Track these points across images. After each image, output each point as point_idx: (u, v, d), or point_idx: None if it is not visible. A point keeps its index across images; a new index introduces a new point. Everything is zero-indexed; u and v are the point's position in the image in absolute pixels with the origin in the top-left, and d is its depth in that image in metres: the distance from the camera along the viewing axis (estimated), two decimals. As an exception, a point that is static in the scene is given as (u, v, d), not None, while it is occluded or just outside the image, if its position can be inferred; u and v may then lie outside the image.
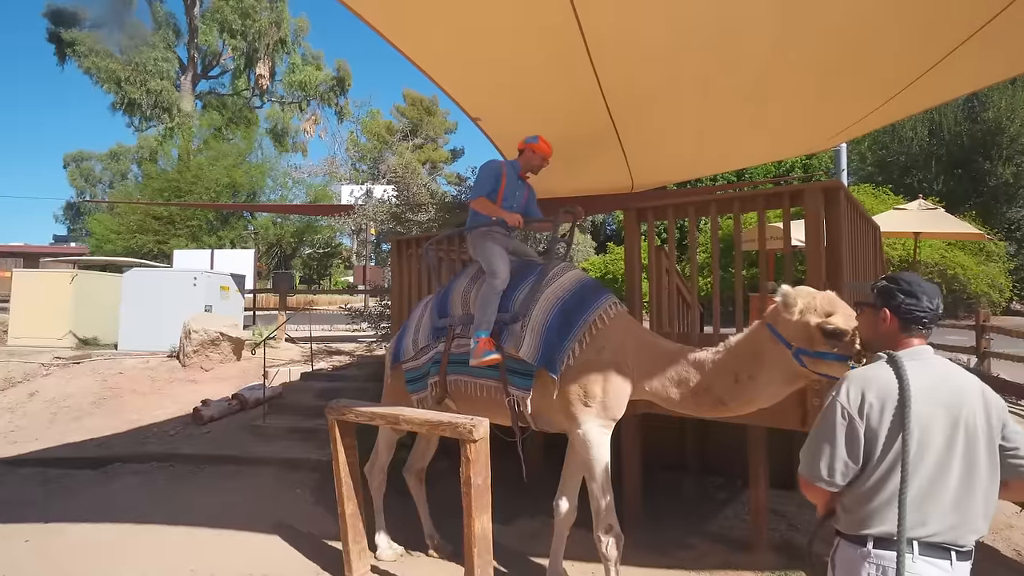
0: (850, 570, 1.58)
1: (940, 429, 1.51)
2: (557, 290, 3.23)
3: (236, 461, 5.77)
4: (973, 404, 1.54)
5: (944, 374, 1.59)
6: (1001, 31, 3.33)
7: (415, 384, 3.66)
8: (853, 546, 1.59)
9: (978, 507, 1.52)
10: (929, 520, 1.50)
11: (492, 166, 3.67)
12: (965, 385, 1.57)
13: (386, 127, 35.42)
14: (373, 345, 10.58)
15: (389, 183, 27.49)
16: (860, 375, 1.63)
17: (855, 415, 1.55)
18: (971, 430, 1.52)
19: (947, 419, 1.52)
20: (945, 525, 1.50)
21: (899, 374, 1.53)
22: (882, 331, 1.69)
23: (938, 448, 1.51)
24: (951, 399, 1.54)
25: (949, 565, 1.49)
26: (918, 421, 1.50)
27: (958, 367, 1.65)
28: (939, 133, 20.66)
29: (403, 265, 5.47)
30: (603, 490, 2.99)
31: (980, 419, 1.54)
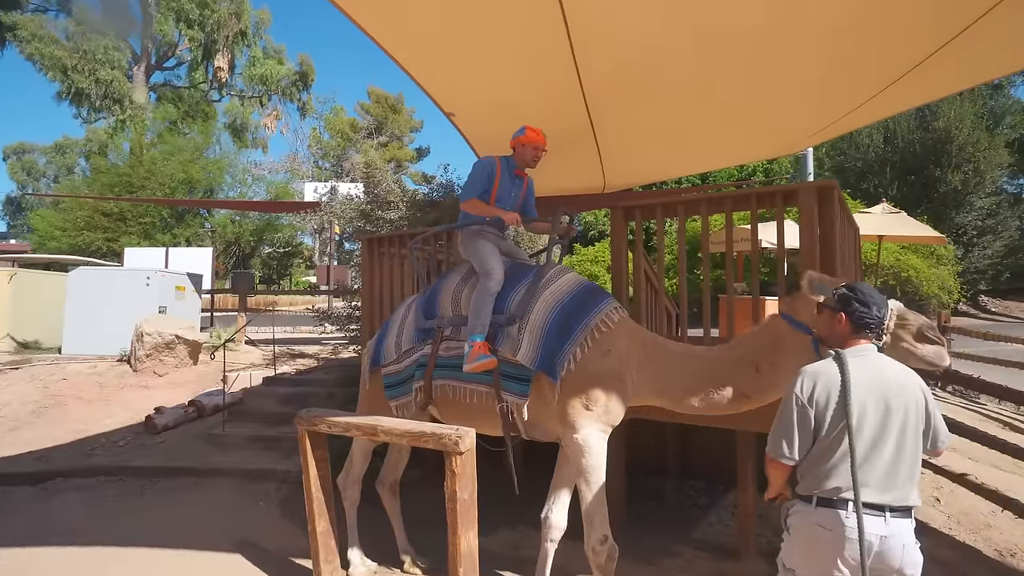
0: (800, 523, 1.96)
1: (873, 413, 1.85)
2: (556, 292, 3.08)
3: (193, 473, 5.41)
4: (904, 393, 1.88)
5: (881, 368, 1.92)
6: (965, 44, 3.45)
7: (396, 389, 3.44)
8: (803, 504, 1.95)
9: (905, 476, 1.85)
10: (865, 485, 1.82)
11: (484, 164, 3.46)
12: (898, 377, 1.91)
13: (350, 124, 34.71)
14: (339, 348, 10.25)
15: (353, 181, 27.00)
16: (812, 370, 1.96)
17: (806, 403, 1.91)
18: (901, 414, 1.86)
19: (880, 405, 1.85)
20: (878, 489, 1.82)
21: (842, 369, 1.87)
22: (837, 331, 2.03)
23: (872, 428, 1.84)
24: (884, 389, 1.87)
25: (883, 521, 1.81)
26: (856, 406, 1.84)
27: (895, 362, 1.96)
28: (893, 141, 21.37)
29: (374, 264, 5.23)
30: (598, 499, 2.86)
31: (910, 405, 1.87)
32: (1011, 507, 3.58)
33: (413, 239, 4.16)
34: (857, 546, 1.78)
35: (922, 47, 3.74)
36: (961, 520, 4.13)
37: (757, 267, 3.42)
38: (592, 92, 4.86)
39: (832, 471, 1.87)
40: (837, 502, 1.84)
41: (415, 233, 4.88)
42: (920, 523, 4.12)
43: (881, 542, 1.80)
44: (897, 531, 1.81)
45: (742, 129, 7.03)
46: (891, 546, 1.80)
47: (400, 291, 4.94)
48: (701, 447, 4.91)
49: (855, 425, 1.83)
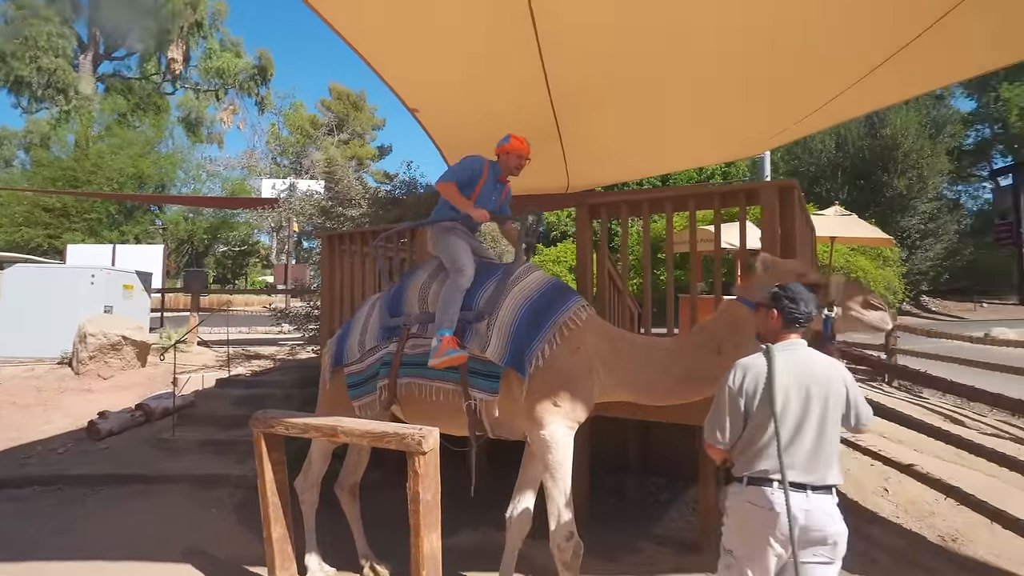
0: (734, 502, 2.13)
1: (796, 401, 2.03)
2: (524, 289, 3.08)
3: (141, 480, 5.16)
4: (826, 383, 2.05)
5: (806, 360, 2.09)
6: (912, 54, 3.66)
7: (359, 389, 3.35)
8: (736, 485, 2.13)
9: (826, 458, 2.04)
10: (789, 465, 2.00)
11: (474, 161, 3.45)
12: (822, 369, 2.08)
13: (310, 121, 33.97)
14: (297, 348, 9.99)
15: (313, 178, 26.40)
16: (743, 363, 2.15)
17: (737, 393, 2.10)
18: (822, 402, 2.04)
19: (802, 394, 2.03)
20: (801, 470, 2.01)
21: (769, 362, 2.06)
22: (770, 327, 2.20)
23: (795, 415, 2.02)
24: (808, 380, 2.04)
25: (806, 497, 1.99)
26: (781, 395, 2.02)
27: (821, 355, 2.13)
28: (844, 146, 22.23)
29: (335, 262, 5.09)
30: (565, 495, 2.85)
31: (831, 394, 2.05)
32: (953, 494, 3.73)
33: (377, 236, 4.07)
34: (784, 520, 1.97)
35: (872, 56, 3.94)
36: (908, 509, 4.28)
37: (719, 266, 3.47)
38: (558, 92, 4.88)
39: (761, 454, 2.06)
40: (765, 481, 2.03)
41: (377, 230, 4.78)
42: (870, 512, 4.30)
43: (806, 516, 1.99)
44: (818, 505, 2.00)
45: (703, 131, 7.19)
46: (815, 518, 1.99)
47: (362, 289, 4.83)
48: (662, 444, 4.96)
49: (779, 412, 2.02)
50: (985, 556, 3.65)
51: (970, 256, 24.42)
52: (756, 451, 2.07)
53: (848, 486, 4.72)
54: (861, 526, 4.10)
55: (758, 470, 2.05)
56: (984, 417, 6.83)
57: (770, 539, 2.00)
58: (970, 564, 3.61)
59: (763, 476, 2.04)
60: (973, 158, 27.23)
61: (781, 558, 2.02)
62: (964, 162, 26.41)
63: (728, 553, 2.15)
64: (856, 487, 4.64)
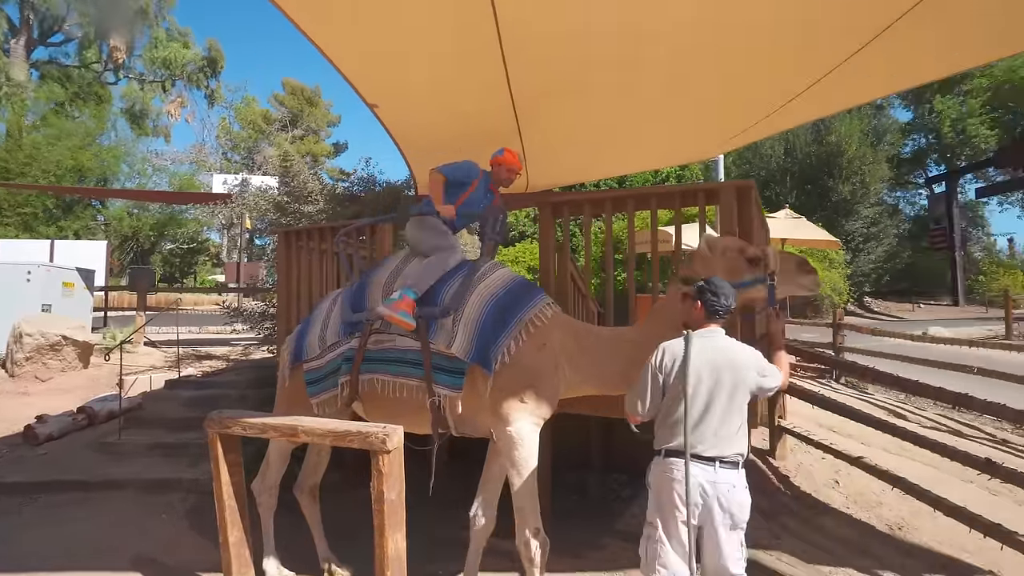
0: (655, 474, 2.37)
1: (707, 382, 2.26)
2: (490, 286, 3.08)
3: (83, 487, 4.88)
4: (735, 367, 2.29)
5: (722, 347, 2.34)
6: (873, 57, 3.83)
7: (319, 385, 3.27)
8: (656, 458, 2.37)
9: (733, 434, 2.28)
10: (700, 440, 2.25)
11: (471, 167, 3.56)
12: (734, 353, 2.33)
13: (263, 116, 33.03)
14: (250, 348, 9.68)
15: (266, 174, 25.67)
16: (665, 345, 2.39)
17: (658, 371, 2.35)
18: (730, 385, 2.27)
19: (713, 376, 2.27)
20: (710, 444, 2.25)
21: (686, 347, 2.30)
22: (694, 316, 2.44)
23: (705, 395, 2.26)
24: (720, 362, 2.28)
25: (713, 471, 2.24)
26: (693, 376, 2.26)
27: (735, 342, 2.40)
28: (793, 152, 23.14)
29: (292, 258, 4.95)
30: (530, 491, 2.87)
31: (739, 378, 2.29)
32: (899, 485, 3.90)
33: (336, 232, 3.98)
34: (688, 488, 2.22)
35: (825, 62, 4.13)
36: (857, 499, 4.47)
37: (679, 265, 3.54)
38: (520, 91, 4.88)
39: (674, 429, 2.30)
40: (677, 454, 2.26)
41: (336, 226, 4.67)
42: (823, 504, 4.47)
43: (713, 487, 2.23)
44: (725, 478, 2.24)
45: (662, 133, 7.34)
46: (721, 491, 2.23)
47: (321, 286, 4.71)
48: (624, 440, 5.00)
49: (691, 392, 2.25)
50: (929, 543, 3.84)
51: (908, 259, 25.78)
52: (670, 426, 2.31)
53: (800, 479, 4.90)
54: (813, 517, 4.27)
55: (674, 444, 2.28)
56: (924, 411, 7.21)
57: (677, 502, 2.24)
58: (915, 551, 3.79)
59: (676, 449, 2.28)
60: (910, 166, 28.75)
61: (689, 526, 2.25)
62: (902, 170, 27.85)
63: (649, 524, 2.38)
64: (808, 479, 4.82)
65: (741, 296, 2.62)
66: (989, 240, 32.90)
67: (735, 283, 2.59)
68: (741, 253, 2.69)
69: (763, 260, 2.63)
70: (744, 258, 2.69)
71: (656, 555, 2.32)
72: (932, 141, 27.56)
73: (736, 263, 2.70)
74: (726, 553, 2.27)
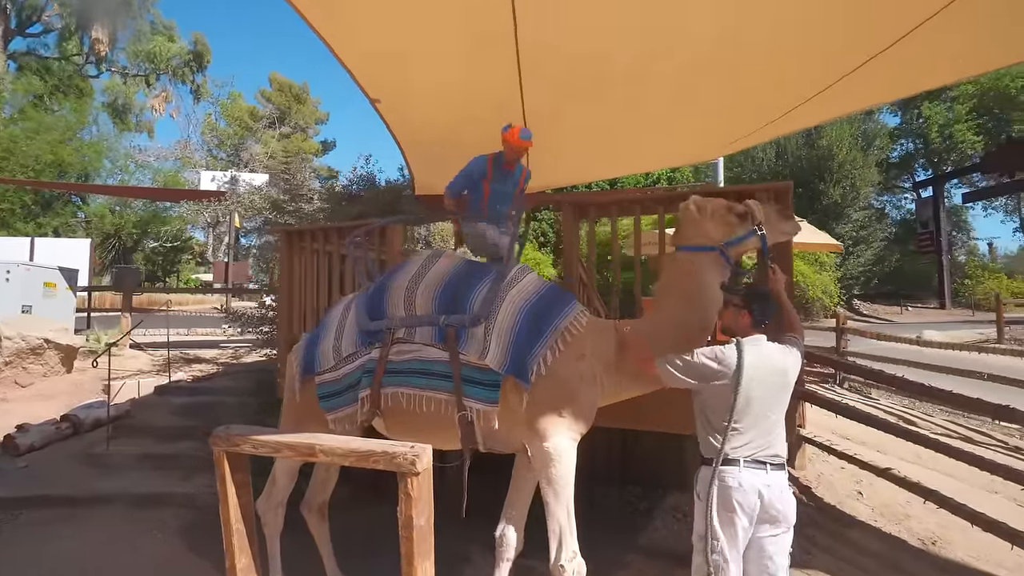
0: (707, 484, 2.36)
1: (759, 387, 2.33)
2: (521, 292, 2.88)
3: (69, 502, 4.59)
4: (783, 369, 2.41)
5: (768, 353, 2.42)
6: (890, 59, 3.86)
7: (335, 400, 3.04)
8: (706, 467, 2.40)
9: (778, 437, 2.38)
10: (751, 444, 2.32)
11: (474, 165, 3.50)
12: (780, 357, 2.43)
13: (249, 112, 32.50)
14: (241, 351, 9.37)
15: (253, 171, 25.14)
16: (719, 352, 2.42)
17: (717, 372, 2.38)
18: (779, 386, 2.39)
19: (764, 381, 2.35)
20: (762, 447, 2.33)
21: (739, 355, 2.35)
22: (740, 324, 2.50)
23: (758, 400, 2.33)
24: (768, 368, 2.38)
25: (765, 473, 2.31)
26: (747, 383, 2.31)
27: (777, 346, 2.46)
28: (784, 156, 23.25)
29: (294, 259, 4.70)
30: (568, 511, 2.68)
31: (787, 378, 2.42)
32: (932, 498, 3.77)
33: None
34: (746, 494, 2.28)
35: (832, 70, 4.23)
36: (884, 512, 4.34)
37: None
38: (530, 86, 4.73)
39: (727, 436, 2.33)
40: (732, 460, 2.32)
41: (342, 227, 4.45)
42: (848, 516, 4.32)
43: (768, 490, 2.29)
44: (776, 481, 2.32)
45: (667, 135, 7.23)
46: (774, 493, 2.29)
47: (328, 289, 4.48)
48: (637, 452, 4.85)
49: (744, 400, 2.31)
50: (964, 558, 3.72)
51: (896, 262, 26.01)
52: (722, 434, 2.34)
53: (823, 490, 4.76)
54: (841, 531, 4.12)
55: (725, 452, 2.32)
56: (932, 417, 7.14)
57: (737, 510, 2.28)
58: (951, 567, 3.66)
59: (730, 457, 2.32)
60: (898, 170, 29.06)
61: (747, 532, 2.30)
62: (890, 174, 28.13)
63: (701, 538, 2.37)
64: (830, 490, 4.68)
65: (736, 251, 2.74)
66: (972, 244, 33.42)
67: (730, 240, 2.71)
68: (730, 211, 2.74)
69: (750, 214, 2.71)
70: (734, 214, 2.73)
71: (719, 567, 2.31)
72: (919, 146, 27.89)
73: (727, 220, 2.73)
74: (776, 560, 2.32)
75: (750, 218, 2.71)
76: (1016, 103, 23.65)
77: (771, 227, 2.75)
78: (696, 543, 2.42)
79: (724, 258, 2.71)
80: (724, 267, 2.71)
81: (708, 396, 2.46)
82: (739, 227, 2.72)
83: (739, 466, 2.31)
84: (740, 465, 2.31)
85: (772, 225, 2.77)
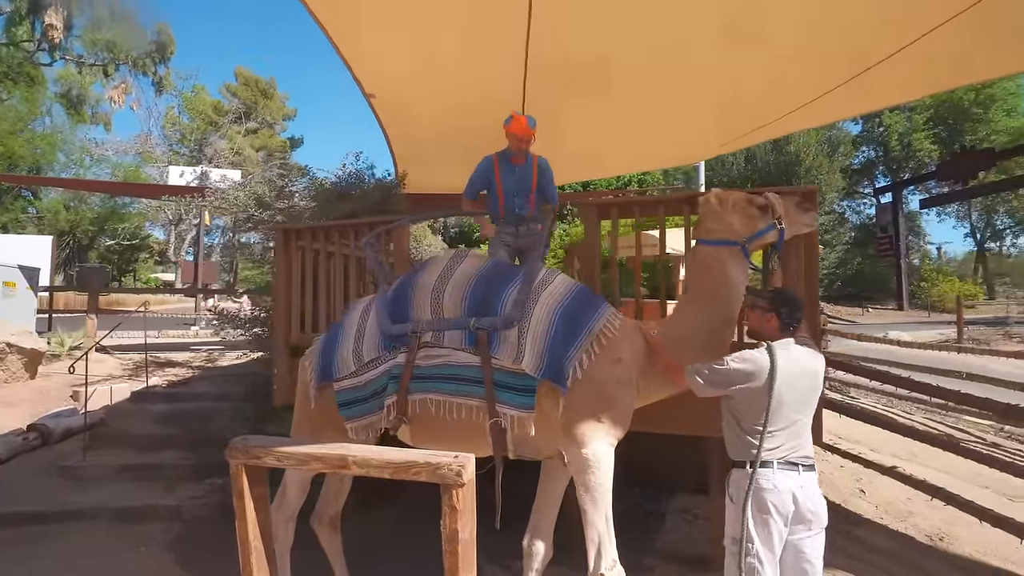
0: (740, 486, 2.35)
1: (790, 391, 2.32)
2: (553, 294, 2.78)
3: (40, 518, 4.29)
4: (812, 372, 2.41)
5: (797, 357, 2.39)
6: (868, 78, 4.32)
7: (356, 407, 2.88)
8: (739, 470, 2.39)
9: (807, 438, 2.40)
10: (784, 447, 2.32)
11: (480, 166, 3.47)
12: (809, 362, 2.42)
13: (214, 106, 31.46)
14: (215, 354, 8.99)
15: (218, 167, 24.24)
16: (750, 355, 2.39)
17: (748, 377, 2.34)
18: (809, 388, 2.39)
19: (795, 384, 2.33)
20: (793, 449, 2.34)
21: (772, 360, 2.32)
22: (767, 327, 2.48)
23: (789, 403, 2.32)
24: (799, 372, 2.36)
25: (797, 474, 2.31)
26: (780, 387, 2.30)
27: (805, 349, 2.43)
28: (753, 160, 23.85)
29: (292, 259, 4.47)
30: (607, 519, 2.59)
31: (815, 381, 2.43)
32: (939, 495, 3.82)
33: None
34: (781, 496, 2.27)
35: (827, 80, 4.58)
36: (888, 509, 4.40)
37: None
38: (534, 84, 4.70)
39: (761, 439, 2.31)
40: (766, 462, 2.31)
41: (348, 225, 4.27)
42: (855, 515, 4.37)
43: (801, 491, 2.30)
44: (808, 482, 2.33)
45: (656, 138, 7.31)
46: (808, 494, 2.31)
47: (328, 291, 4.29)
48: (646, 455, 4.80)
49: (777, 403, 2.30)
50: (972, 553, 3.78)
51: (858, 265, 26.92)
52: (756, 436, 2.33)
53: (825, 488, 4.74)
54: (850, 529, 4.16)
55: (761, 454, 2.31)
56: (912, 415, 7.33)
57: (772, 512, 2.27)
58: (961, 562, 3.72)
59: (765, 460, 2.31)
60: (859, 176, 30.13)
61: (782, 535, 2.29)
62: (852, 180, 29.14)
63: (736, 541, 2.33)
64: (833, 489, 4.72)
65: (756, 245, 2.72)
66: (926, 248, 34.87)
67: (751, 234, 2.68)
68: (751, 203, 2.70)
69: (771, 206, 2.68)
70: (755, 207, 2.69)
71: (755, 570, 2.29)
72: (880, 153, 28.96)
73: (749, 214, 2.69)
74: (813, 561, 2.33)
75: (770, 211, 2.69)
76: (968, 114, 24.81)
77: (790, 220, 2.74)
78: (729, 547, 2.40)
79: (744, 253, 2.69)
80: (744, 262, 2.69)
81: (739, 400, 2.43)
82: (760, 220, 2.70)
83: (773, 468, 2.31)
84: (774, 467, 2.31)
85: (791, 218, 2.75)
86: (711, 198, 2.78)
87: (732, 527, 2.39)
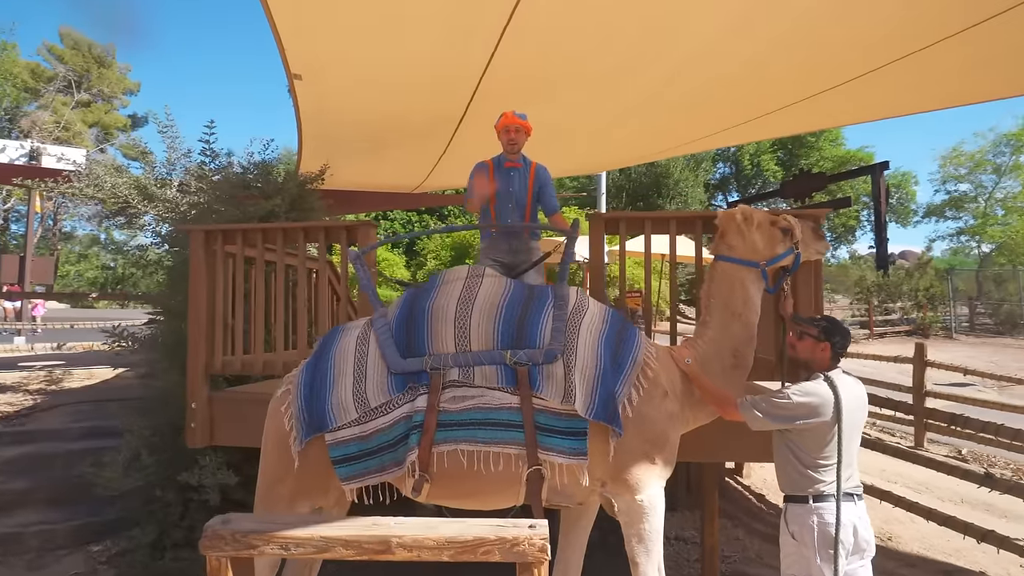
0: (800, 522, 2.32)
1: (848, 421, 2.30)
2: (594, 321, 2.46)
3: None
4: (864, 403, 2.43)
5: (850, 385, 2.38)
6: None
7: (360, 464, 2.29)
8: (799, 504, 2.35)
9: (857, 466, 2.40)
10: (848, 479, 2.33)
11: (473, 171, 3.37)
12: (860, 392, 2.42)
13: (30, 70, 26.58)
14: (56, 372, 7.34)
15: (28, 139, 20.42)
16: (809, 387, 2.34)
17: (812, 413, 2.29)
18: (861, 419, 2.40)
19: (852, 415, 2.32)
20: (848, 478, 2.33)
21: (835, 392, 2.30)
22: (818, 356, 2.44)
23: (848, 434, 2.30)
24: (854, 402, 2.35)
25: (854, 505, 2.32)
26: (844, 419, 2.28)
27: (853, 379, 2.42)
28: (628, 171, 25.21)
29: (216, 267, 3.62)
30: (660, 570, 2.36)
31: (866, 411, 2.46)
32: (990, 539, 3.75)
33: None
34: (845, 529, 2.26)
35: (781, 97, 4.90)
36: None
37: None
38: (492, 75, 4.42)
39: (825, 472, 2.30)
40: (827, 496, 2.29)
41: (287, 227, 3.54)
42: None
43: (859, 522, 2.31)
44: (863, 511, 2.36)
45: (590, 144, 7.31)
46: (864, 524, 2.33)
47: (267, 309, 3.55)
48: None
49: (845, 435, 2.29)
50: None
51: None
52: (821, 469, 2.31)
53: (775, 496, 4.98)
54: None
55: (822, 488, 2.30)
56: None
57: (840, 552, 2.25)
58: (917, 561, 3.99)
59: (825, 493, 2.30)
60: (716, 190, 33.32)
61: (843, 567, 2.26)
62: (710, 193, 32.12)
63: None
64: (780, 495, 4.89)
65: (773, 268, 2.68)
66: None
67: (772, 257, 2.65)
68: (775, 225, 2.66)
69: (791, 230, 2.66)
70: (779, 229, 2.66)
71: None
72: (733, 171, 32.23)
73: (773, 236, 2.66)
74: None
75: (791, 235, 2.66)
76: (803, 142, 28.46)
77: (806, 245, 2.72)
78: None
79: (764, 276, 2.66)
80: (761, 284, 2.65)
81: (798, 433, 2.36)
82: (780, 244, 2.65)
83: (831, 502, 2.29)
84: (832, 501, 2.29)
85: (807, 244, 2.73)
86: (737, 215, 2.70)
87: (795, 567, 2.36)
